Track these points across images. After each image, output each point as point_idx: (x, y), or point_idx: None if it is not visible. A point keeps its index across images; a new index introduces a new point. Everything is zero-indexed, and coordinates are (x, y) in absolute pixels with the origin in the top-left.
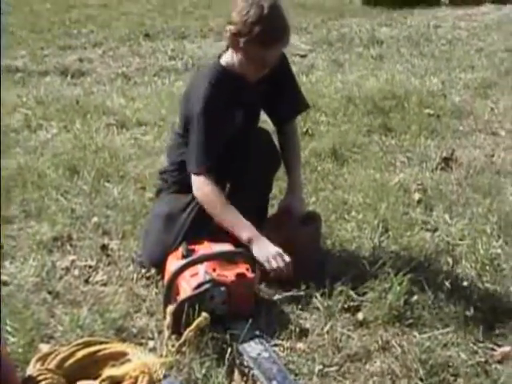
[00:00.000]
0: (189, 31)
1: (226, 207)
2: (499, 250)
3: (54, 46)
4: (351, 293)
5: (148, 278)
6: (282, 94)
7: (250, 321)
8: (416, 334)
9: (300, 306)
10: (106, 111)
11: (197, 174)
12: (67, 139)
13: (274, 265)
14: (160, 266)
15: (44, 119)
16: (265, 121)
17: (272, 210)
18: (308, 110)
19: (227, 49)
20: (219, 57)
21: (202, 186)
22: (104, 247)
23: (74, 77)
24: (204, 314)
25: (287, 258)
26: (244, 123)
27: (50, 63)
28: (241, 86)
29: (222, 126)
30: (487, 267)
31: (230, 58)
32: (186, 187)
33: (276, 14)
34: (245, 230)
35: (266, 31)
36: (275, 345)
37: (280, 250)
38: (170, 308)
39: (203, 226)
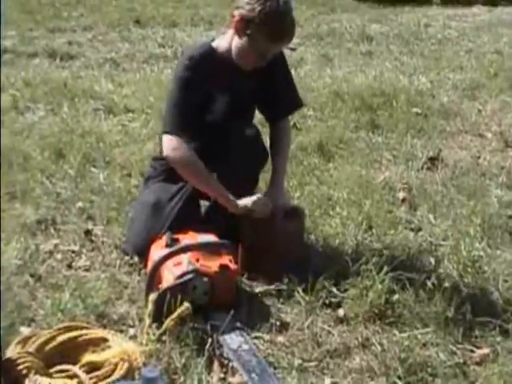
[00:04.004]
0: (179, 19)
1: (209, 175)
2: (482, 252)
3: (44, 28)
4: (333, 289)
5: (131, 265)
6: (277, 90)
7: (232, 312)
8: (396, 332)
9: (281, 300)
10: (93, 96)
11: (170, 133)
12: (54, 122)
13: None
14: (144, 253)
15: (31, 101)
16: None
17: None
18: (301, 108)
19: (223, 34)
20: (212, 40)
21: (177, 147)
22: (88, 232)
23: (62, 60)
24: (186, 304)
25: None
26: (229, 111)
27: (39, 45)
28: (227, 71)
29: (197, 98)
30: (469, 269)
31: (225, 43)
32: (174, 176)
33: (289, 10)
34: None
35: (278, 26)
36: (255, 337)
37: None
38: (152, 296)
39: (189, 216)
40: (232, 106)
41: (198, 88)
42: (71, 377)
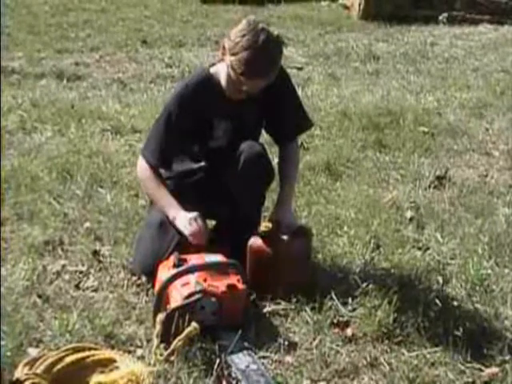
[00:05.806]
0: (186, 39)
1: (158, 190)
2: (490, 271)
3: (51, 49)
4: (341, 308)
5: (139, 286)
6: (284, 113)
7: (240, 332)
8: (404, 351)
9: (289, 320)
10: (101, 116)
11: (143, 156)
12: (61, 143)
13: (191, 230)
14: (151, 274)
15: (39, 122)
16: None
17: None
18: (310, 129)
19: (222, 60)
20: (212, 65)
21: (142, 169)
22: (95, 253)
23: (69, 80)
24: (194, 324)
25: (200, 222)
26: (232, 137)
27: (47, 66)
28: (225, 97)
29: (183, 127)
30: (477, 287)
31: (221, 68)
32: (180, 196)
33: (266, 49)
34: (171, 209)
35: (249, 62)
36: (263, 357)
37: (195, 214)
38: (160, 317)
39: None
40: (235, 132)
41: (184, 119)
42: None
